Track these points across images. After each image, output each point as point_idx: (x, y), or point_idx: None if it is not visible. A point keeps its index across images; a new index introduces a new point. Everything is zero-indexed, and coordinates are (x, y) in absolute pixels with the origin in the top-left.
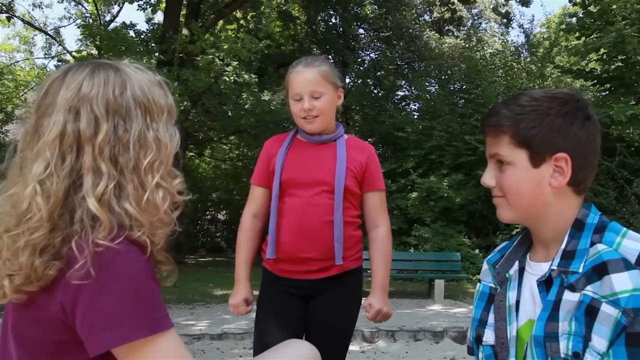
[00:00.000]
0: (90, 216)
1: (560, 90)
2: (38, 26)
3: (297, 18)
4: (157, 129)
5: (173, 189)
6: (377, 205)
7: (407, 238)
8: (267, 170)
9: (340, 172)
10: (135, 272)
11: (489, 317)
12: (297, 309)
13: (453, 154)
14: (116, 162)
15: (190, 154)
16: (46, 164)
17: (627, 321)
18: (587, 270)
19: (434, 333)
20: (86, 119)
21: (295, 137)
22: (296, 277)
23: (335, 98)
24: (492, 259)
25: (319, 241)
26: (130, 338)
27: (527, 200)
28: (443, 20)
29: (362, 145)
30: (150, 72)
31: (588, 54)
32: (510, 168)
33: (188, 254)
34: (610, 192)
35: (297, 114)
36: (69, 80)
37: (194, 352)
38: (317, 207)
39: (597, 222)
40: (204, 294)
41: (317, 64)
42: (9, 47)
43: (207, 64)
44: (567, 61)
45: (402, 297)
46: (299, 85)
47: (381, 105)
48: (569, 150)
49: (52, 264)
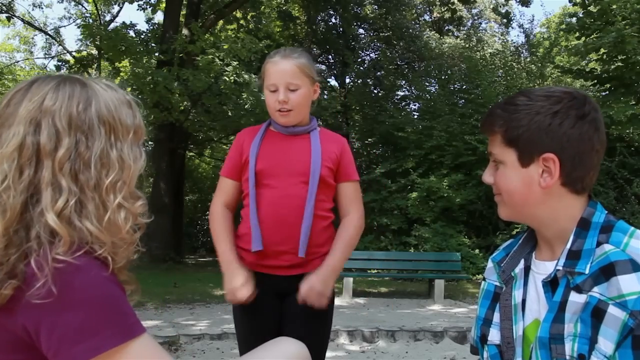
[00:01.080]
0: (48, 232)
1: (559, 88)
2: (38, 26)
3: (297, 18)
4: (121, 149)
5: (135, 210)
6: (351, 195)
7: (407, 238)
8: (239, 162)
9: (315, 163)
10: (99, 283)
11: (494, 316)
12: (271, 305)
13: (453, 154)
14: (77, 179)
15: (190, 154)
16: (3, 176)
17: (634, 324)
18: (594, 271)
19: (434, 333)
20: (47, 133)
21: (269, 129)
22: (268, 272)
23: (311, 92)
24: (497, 257)
25: (293, 233)
26: (102, 348)
27: (518, 199)
28: (443, 20)
29: (336, 137)
30: (120, 91)
31: (588, 54)
32: (502, 167)
33: (188, 254)
34: (610, 192)
35: (271, 105)
36: (32, 92)
37: (193, 352)
38: (292, 198)
39: (603, 221)
40: (204, 294)
41: (295, 55)
42: (9, 47)
43: (207, 64)
44: (567, 61)
45: (402, 297)
46: (275, 76)
47: (381, 105)
48: (556, 150)
49: (8, 283)
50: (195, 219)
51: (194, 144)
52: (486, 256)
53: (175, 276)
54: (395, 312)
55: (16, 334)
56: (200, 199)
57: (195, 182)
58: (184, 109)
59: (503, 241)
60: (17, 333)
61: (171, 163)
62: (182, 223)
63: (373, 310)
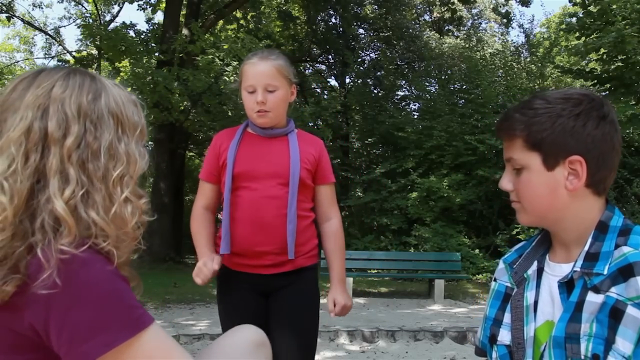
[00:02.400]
0: (52, 219)
1: (575, 90)
2: (38, 26)
3: (297, 18)
4: (128, 144)
5: (141, 206)
6: (329, 198)
7: (407, 238)
8: (217, 165)
9: (294, 165)
10: (104, 278)
11: (504, 317)
12: (254, 302)
13: (453, 154)
14: (85, 169)
15: (190, 154)
16: (10, 160)
17: None
18: (612, 272)
19: (434, 333)
20: (56, 119)
21: (246, 131)
22: (251, 272)
23: (289, 94)
24: (508, 258)
25: (274, 234)
26: (114, 343)
27: (543, 204)
28: (443, 20)
29: (313, 139)
30: (126, 90)
31: (588, 54)
32: (525, 172)
33: (188, 254)
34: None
35: (249, 106)
36: (40, 79)
37: (193, 352)
38: (272, 200)
39: (621, 224)
40: (204, 294)
41: (273, 57)
42: (9, 47)
43: (207, 64)
44: (567, 61)
45: (402, 297)
46: (253, 77)
47: (381, 105)
48: (582, 151)
49: (10, 278)
50: None
51: (194, 144)
52: (486, 256)
53: (175, 276)
54: (395, 312)
55: (22, 333)
56: None
57: (195, 182)
58: (184, 109)
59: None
60: (22, 332)
61: (171, 163)
62: (182, 223)
63: (373, 310)
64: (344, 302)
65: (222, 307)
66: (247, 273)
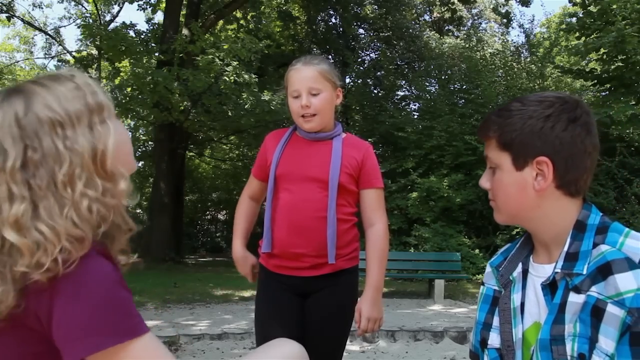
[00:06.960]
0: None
1: (552, 93)
2: (38, 26)
3: (297, 18)
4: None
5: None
6: (374, 203)
7: (407, 238)
8: (264, 164)
9: (334, 169)
10: (105, 281)
11: (493, 320)
12: (293, 304)
13: (453, 154)
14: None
15: (190, 154)
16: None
17: (631, 321)
18: (592, 271)
19: (434, 333)
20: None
21: (294, 133)
22: (289, 274)
23: (334, 97)
24: (495, 261)
25: (312, 237)
26: (102, 346)
27: (513, 203)
28: (443, 20)
29: (359, 143)
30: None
31: (588, 54)
32: (498, 171)
33: (188, 254)
34: (610, 192)
35: (295, 111)
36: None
37: (193, 352)
38: (310, 202)
39: (598, 222)
40: (204, 294)
41: (316, 62)
42: (9, 47)
43: (207, 64)
44: (567, 61)
45: (402, 297)
46: (297, 82)
47: (381, 105)
48: (550, 153)
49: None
50: (195, 219)
51: (194, 144)
52: (486, 256)
53: (175, 276)
54: (395, 312)
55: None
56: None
57: (195, 182)
58: (184, 109)
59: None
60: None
61: (171, 163)
62: (182, 223)
63: None
64: (369, 314)
65: (260, 310)
66: (286, 275)
